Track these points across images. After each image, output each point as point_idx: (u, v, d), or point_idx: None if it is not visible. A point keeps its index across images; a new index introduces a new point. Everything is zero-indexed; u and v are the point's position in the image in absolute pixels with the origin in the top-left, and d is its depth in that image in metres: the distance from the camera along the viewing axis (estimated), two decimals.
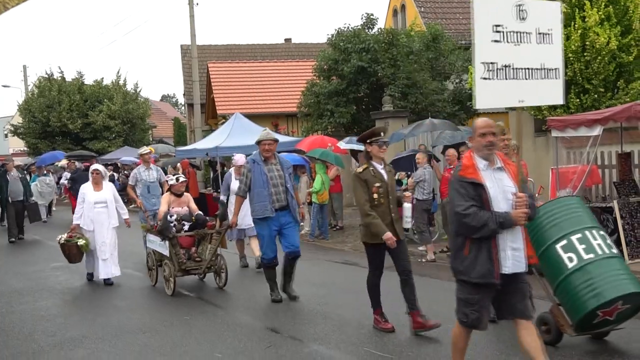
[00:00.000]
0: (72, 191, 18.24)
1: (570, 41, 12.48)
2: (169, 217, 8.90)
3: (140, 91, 35.72)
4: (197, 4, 24.35)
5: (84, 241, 9.38)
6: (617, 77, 12.83)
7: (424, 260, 10.98)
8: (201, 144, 20.07)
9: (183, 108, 52.04)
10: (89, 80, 36.47)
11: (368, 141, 6.49)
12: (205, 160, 22.37)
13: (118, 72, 38.43)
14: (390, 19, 27.86)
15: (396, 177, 13.88)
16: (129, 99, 33.93)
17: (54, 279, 10.39)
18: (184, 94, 36.33)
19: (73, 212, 18.19)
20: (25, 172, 19.03)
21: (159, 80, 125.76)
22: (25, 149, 36.64)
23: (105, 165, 23.64)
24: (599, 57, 12.39)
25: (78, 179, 18.16)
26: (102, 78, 35.58)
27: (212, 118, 30.83)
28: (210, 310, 7.79)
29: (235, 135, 18.44)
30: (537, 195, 11.35)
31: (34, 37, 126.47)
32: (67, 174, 20.14)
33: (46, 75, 35.48)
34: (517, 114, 5.44)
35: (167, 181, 11.04)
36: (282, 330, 6.79)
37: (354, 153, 15.56)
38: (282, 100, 27.20)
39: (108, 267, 9.53)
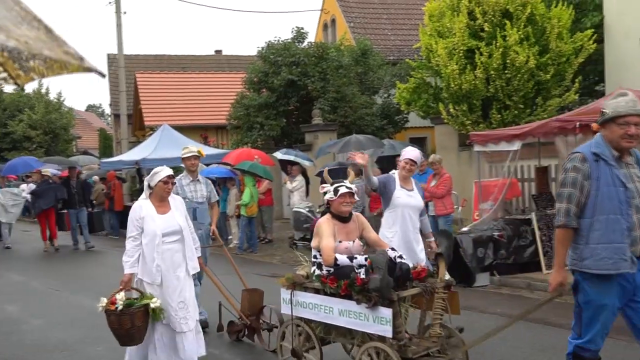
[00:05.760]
0: (35, 210, 15.60)
1: (492, 59, 12.95)
2: (355, 260, 4.97)
3: (63, 100, 34.65)
4: (125, 12, 23.82)
5: (158, 300, 5.17)
6: (535, 94, 13.40)
7: None
8: (127, 156, 19.58)
9: (109, 119, 50.70)
10: (8, 88, 35.06)
11: None
12: (132, 172, 21.82)
13: (40, 81, 36.95)
14: (321, 34, 28.15)
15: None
16: (52, 109, 32.82)
17: None
18: (110, 104, 35.43)
19: (44, 237, 15.32)
20: None
21: (85, 89, 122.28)
22: None
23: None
24: (519, 75, 12.90)
25: (42, 194, 15.37)
26: None
27: (140, 129, 30.16)
28: None
29: (163, 147, 18.10)
30: (460, 207, 11.72)
31: None
32: (32, 186, 16.34)
33: None
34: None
35: (218, 201, 7.82)
36: (214, 349, 6.65)
37: (284, 165, 15.57)
38: (212, 112, 26.92)
39: (191, 344, 5.36)
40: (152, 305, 5.07)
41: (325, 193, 5.29)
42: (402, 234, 6.12)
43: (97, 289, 9.95)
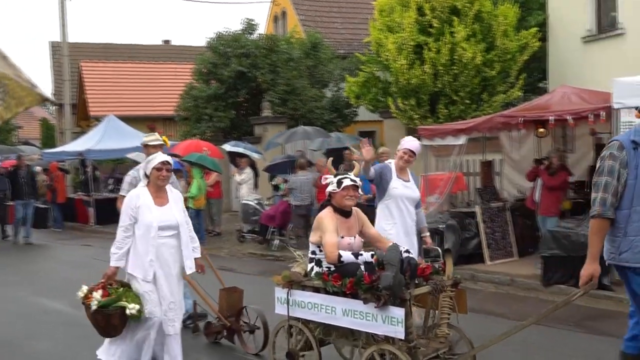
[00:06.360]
0: None
1: (440, 55, 13.16)
2: (360, 257, 4.71)
3: None
4: None
5: (136, 306, 4.81)
6: (481, 90, 13.69)
7: None
8: (71, 147, 19.18)
9: (52, 108, 49.22)
10: None
11: None
12: (75, 163, 21.31)
13: None
14: (271, 26, 28.01)
15: (274, 182, 14.04)
16: None
17: None
18: (53, 94, 34.43)
19: None
20: None
21: None
22: None
23: None
24: (466, 71, 13.15)
25: None
26: None
27: (84, 120, 29.45)
28: (78, 321, 7.39)
29: (109, 138, 17.90)
30: None
31: None
32: None
33: None
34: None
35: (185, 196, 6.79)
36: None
37: (233, 157, 15.47)
38: (159, 103, 26.51)
39: (176, 347, 5.14)
40: (128, 312, 4.73)
41: (327, 184, 4.96)
42: (402, 225, 5.88)
43: (43, 284, 9.74)
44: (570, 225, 8.50)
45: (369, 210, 6.10)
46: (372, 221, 5.49)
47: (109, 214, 17.58)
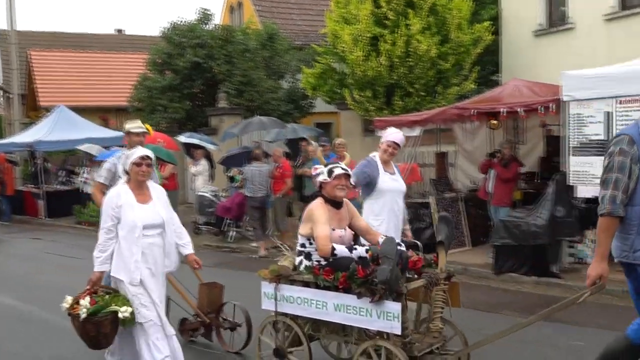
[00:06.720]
0: None
1: (396, 47, 13.25)
2: (354, 251, 4.59)
3: None
4: None
5: (128, 309, 4.54)
6: (436, 83, 13.86)
7: (256, 256, 11.07)
8: (20, 138, 18.70)
9: (0, 99, 47.73)
10: None
11: None
12: (25, 155, 20.75)
13: None
14: (227, 16, 27.73)
15: (230, 173, 13.93)
16: None
17: None
18: (1, 83, 33.38)
19: None
20: None
21: None
22: None
23: None
24: (421, 63, 13.29)
25: None
26: None
27: (33, 110, 28.68)
28: (30, 316, 7.21)
29: (60, 129, 17.60)
30: None
31: None
32: None
33: None
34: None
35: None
36: None
37: (188, 149, 15.28)
38: (112, 94, 26.00)
39: (170, 345, 4.80)
40: (120, 316, 4.44)
41: (317, 175, 4.77)
42: (391, 220, 5.74)
43: None
44: (521, 215, 8.69)
45: None
46: None
47: (59, 206, 17.28)
